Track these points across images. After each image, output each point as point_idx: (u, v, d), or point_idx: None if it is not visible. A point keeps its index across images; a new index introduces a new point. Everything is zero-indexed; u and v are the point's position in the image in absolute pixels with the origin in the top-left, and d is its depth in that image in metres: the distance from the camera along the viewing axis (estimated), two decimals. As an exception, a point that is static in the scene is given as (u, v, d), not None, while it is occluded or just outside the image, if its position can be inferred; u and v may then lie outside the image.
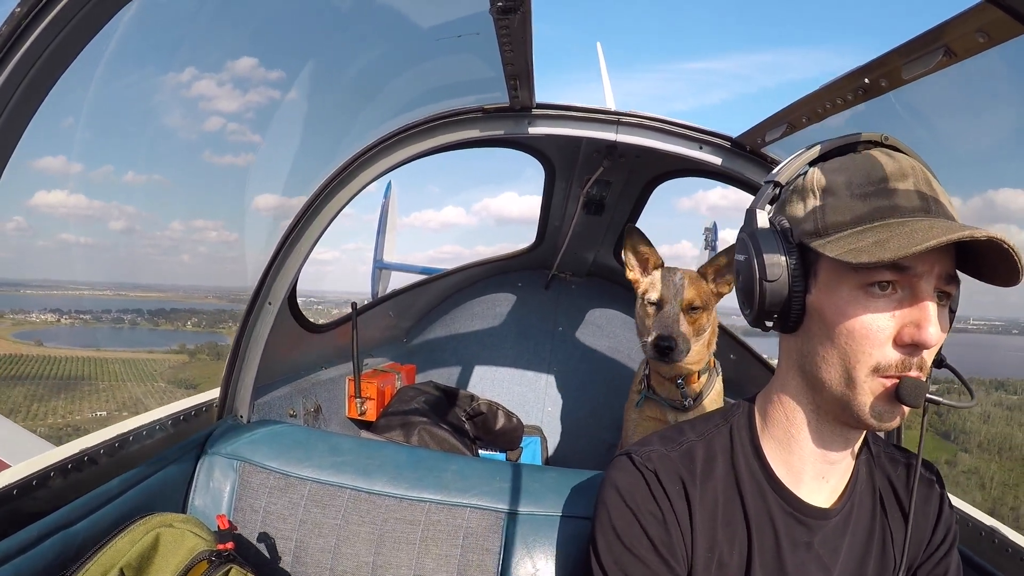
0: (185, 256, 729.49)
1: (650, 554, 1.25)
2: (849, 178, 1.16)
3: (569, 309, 4.51)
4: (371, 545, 1.88)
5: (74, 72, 1.22)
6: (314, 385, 3.00)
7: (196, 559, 1.55)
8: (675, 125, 2.35)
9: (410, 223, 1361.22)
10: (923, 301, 1.08)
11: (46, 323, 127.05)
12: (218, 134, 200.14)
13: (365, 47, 2.43)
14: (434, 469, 2.03)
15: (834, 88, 1.71)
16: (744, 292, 1.26)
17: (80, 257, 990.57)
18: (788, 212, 1.25)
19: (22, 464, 1.58)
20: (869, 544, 1.32)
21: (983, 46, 1.28)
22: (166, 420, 2.06)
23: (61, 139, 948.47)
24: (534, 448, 4.05)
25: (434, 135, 2.33)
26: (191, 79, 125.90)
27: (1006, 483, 46.22)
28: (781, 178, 1.27)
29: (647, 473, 1.30)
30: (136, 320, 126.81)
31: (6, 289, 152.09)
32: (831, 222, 1.15)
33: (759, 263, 1.19)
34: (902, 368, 1.10)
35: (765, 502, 1.29)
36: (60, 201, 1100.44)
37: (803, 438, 1.27)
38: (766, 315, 1.22)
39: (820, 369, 1.18)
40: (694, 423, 1.42)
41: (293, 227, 2.29)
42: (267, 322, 2.34)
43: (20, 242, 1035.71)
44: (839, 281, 1.14)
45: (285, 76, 2.85)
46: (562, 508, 1.88)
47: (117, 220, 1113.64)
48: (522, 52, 1.77)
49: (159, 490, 1.90)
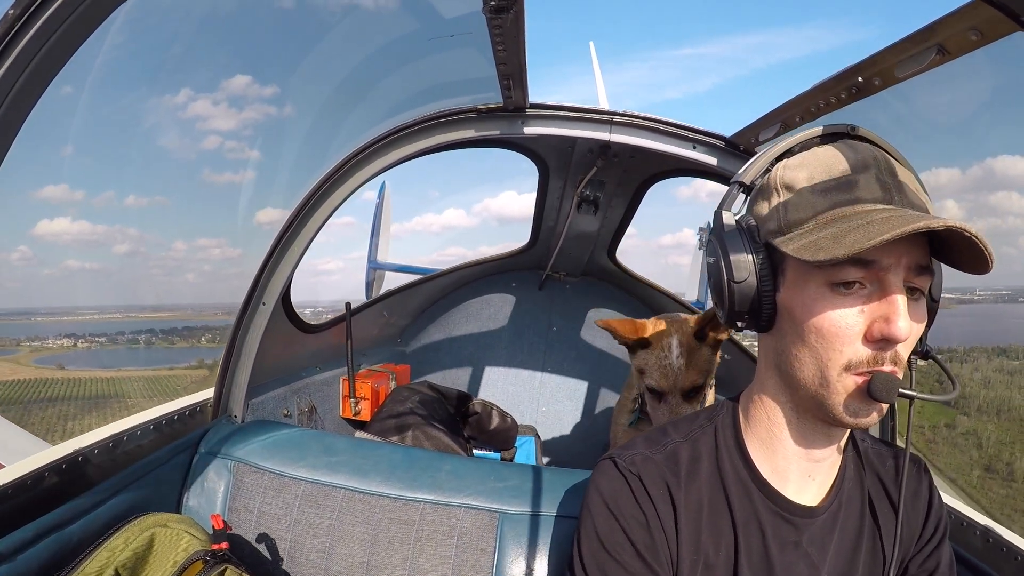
0: (190, 275, 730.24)
1: (633, 560, 1.25)
2: (810, 173, 1.16)
3: (563, 309, 4.52)
4: (365, 545, 1.88)
5: (70, 101, 1.22)
6: (308, 385, 3.00)
7: (191, 559, 1.55)
8: (669, 125, 2.35)
9: (411, 227, 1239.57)
10: (891, 295, 1.06)
11: (63, 348, 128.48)
12: (216, 152, 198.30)
13: (356, 48, 2.43)
14: (428, 469, 2.03)
15: (827, 87, 1.72)
16: (716, 293, 1.25)
17: (86, 282, 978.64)
18: (755, 212, 1.25)
19: (16, 464, 1.58)
20: (859, 540, 1.32)
21: (976, 44, 1.29)
22: (160, 420, 2.05)
23: (61, 168, 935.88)
24: (528, 448, 4.05)
25: (428, 135, 2.33)
26: (187, 100, 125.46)
27: (1002, 441, 48.39)
28: (746, 178, 1.27)
29: (631, 477, 1.29)
30: (151, 340, 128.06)
31: (18, 318, 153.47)
32: (792, 219, 1.15)
33: (726, 264, 1.19)
34: (874, 364, 1.09)
35: (751, 502, 1.28)
36: (64, 228, 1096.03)
37: (785, 437, 1.26)
38: (737, 315, 1.22)
39: (794, 368, 1.17)
40: (678, 424, 1.41)
41: (287, 228, 2.29)
42: (261, 322, 2.33)
43: (26, 271, 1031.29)
44: (805, 279, 1.13)
45: (280, 91, 2.85)
46: (557, 508, 1.88)
47: (121, 244, 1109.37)
48: (515, 52, 1.77)
49: (153, 490, 1.89)
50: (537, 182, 3.44)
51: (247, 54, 2.66)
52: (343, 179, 2.33)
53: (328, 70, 2.52)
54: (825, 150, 1.19)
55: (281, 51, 2.55)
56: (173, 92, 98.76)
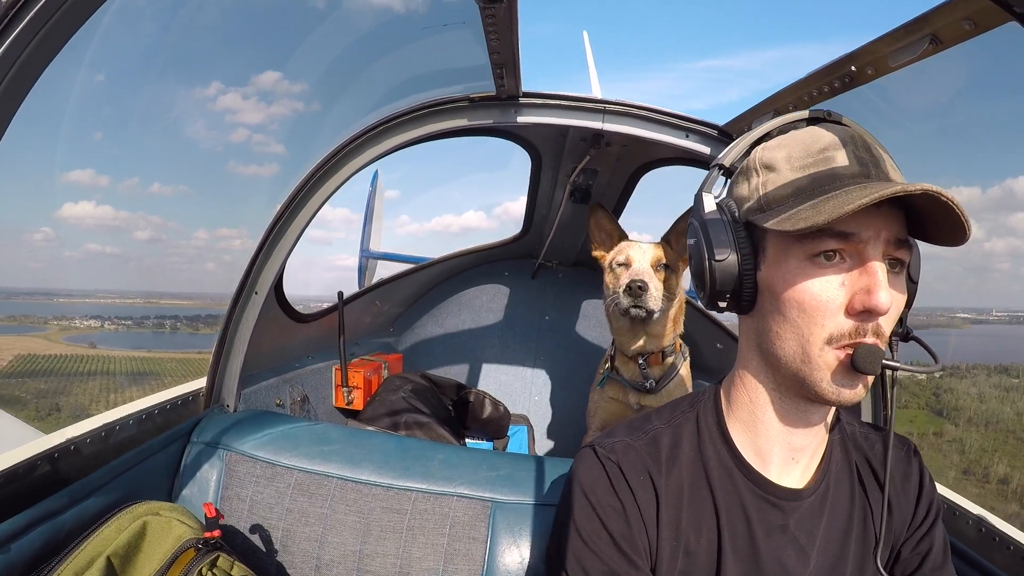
0: (210, 264, 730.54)
1: (608, 548, 1.24)
2: (789, 152, 1.17)
3: (556, 298, 4.52)
4: (357, 534, 1.88)
5: (103, 89, 1.22)
6: (301, 375, 3.00)
7: (183, 547, 1.55)
8: (661, 113, 2.35)
9: (431, 227, 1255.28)
10: (872, 267, 1.07)
11: (91, 328, 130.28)
12: (243, 145, 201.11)
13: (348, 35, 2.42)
14: (421, 458, 2.03)
15: (821, 76, 1.72)
16: (696, 275, 1.26)
17: (107, 267, 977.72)
18: (735, 193, 1.26)
19: (8, 453, 1.57)
20: (849, 524, 1.32)
21: (969, 34, 1.29)
22: (152, 409, 2.05)
23: (90, 153, 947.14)
24: (521, 437, 4.07)
25: (422, 124, 2.33)
26: (217, 93, 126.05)
27: (984, 448, 50.74)
28: (726, 161, 1.28)
29: (610, 465, 1.29)
30: (176, 325, 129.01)
31: (41, 298, 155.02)
32: (772, 197, 1.16)
33: (707, 244, 1.20)
34: (856, 336, 1.09)
35: (735, 486, 1.28)
36: (87, 212, 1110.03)
37: (768, 418, 1.26)
38: (718, 295, 1.22)
39: (775, 345, 1.18)
40: (661, 411, 1.42)
41: (279, 217, 2.28)
42: (254, 311, 2.33)
43: (48, 252, 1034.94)
44: (786, 254, 1.14)
45: (308, 88, 2.84)
46: (549, 497, 1.89)
47: (143, 230, 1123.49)
48: (508, 41, 1.77)
49: (146, 479, 1.90)
50: (530, 171, 3.44)
51: (278, 50, 2.66)
52: (336, 168, 2.32)
53: (350, 67, 2.53)
54: (803, 131, 1.21)
55: (310, 48, 2.54)
56: (204, 85, 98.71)
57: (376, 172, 14.57)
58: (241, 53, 30.67)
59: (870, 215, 1.04)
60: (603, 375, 2.83)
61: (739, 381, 1.31)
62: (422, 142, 2.47)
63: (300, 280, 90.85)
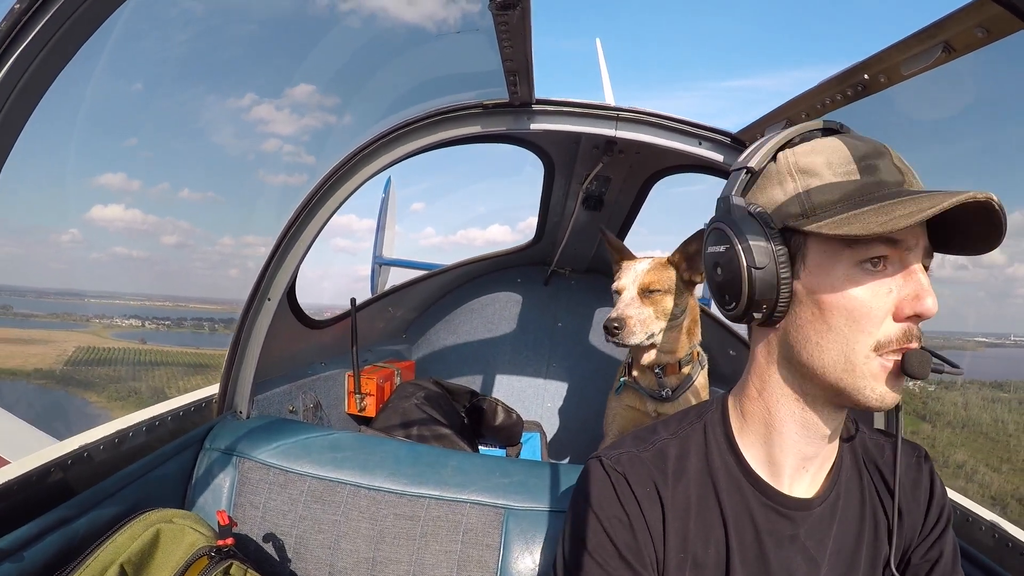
0: (233, 271, 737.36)
1: (614, 561, 1.23)
2: (828, 159, 1.14)
3: (568, 305, 4.51)
4: (371, 541, 1.89)
5: (141, 98, 1.23)
6: (313, 381, 3.00)
7: (196, 555, 1.56)
8: (674, 121, 2.35)
9: (456, 240, 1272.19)
10: (917, 274, 1.08)
11: (132, 327, 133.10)
12: (274, 155, 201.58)
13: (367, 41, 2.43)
14: (434, 465, 2.03)
15: (833, 84, 1.71)
16: (726, 284, 1.21)
17: (132, 270, 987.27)
18: (764, 198, 1.22)
19: (22, 460, 1.58)
20: (861, 532, 1.31)
21: (983, 41, 1.28)
22: (165, 416, 2.06)
23: (123, 158, 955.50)
24: (534, 444, 4.06)
25: (434, 131, 2.33)
26: (251, 104, 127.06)
27: (951, 443, 53.28)
28: (752, 163, 1.24)
29: (616, 476, 1.28)
30: (215, 327, 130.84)
31: (72, 298, 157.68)
32: (819, 202, 1.13)
33: (745, 251, 1.16)
34: (904, 341, 1.09)
35: (743, 497, 1.27)
36: (116, 215, 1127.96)
37: (786, 431, 1.25)
38: (755, 306, 1.18)
39: (813, 356, 1.15)
40: (668, 422, 1.40)
41: (292, 223, 2.29)
42: (266, 318, 2.33)
43: (74, 254, 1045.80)
44: (833, 261, 1.12)
45: (340, 102, 2.87)
46: (562, 504, 1.88)
47: (171, 235, 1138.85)
48: (522, 48, 1.77)
49: (159, 486, 1.90)
50: (543, 177, 3.44)
51: (312, 64, 2.68)
52: (349, 175, 2.32)
53: (363, 73, 2.54)
54: (830, 140, 1.18)
55: (343, 61, 2.56)
56: (239, 95, 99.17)
57: (389, 179, 14.61)
58: (277, 66, 31.33)
59: (915, 224, 1.03)
60: (621, 382, 2.83)
61: (755, 393, 1.29)
62: (435, 149, 2.47)
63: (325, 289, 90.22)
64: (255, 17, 39.02)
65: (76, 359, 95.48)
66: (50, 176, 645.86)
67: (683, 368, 2.66)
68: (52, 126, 4.04)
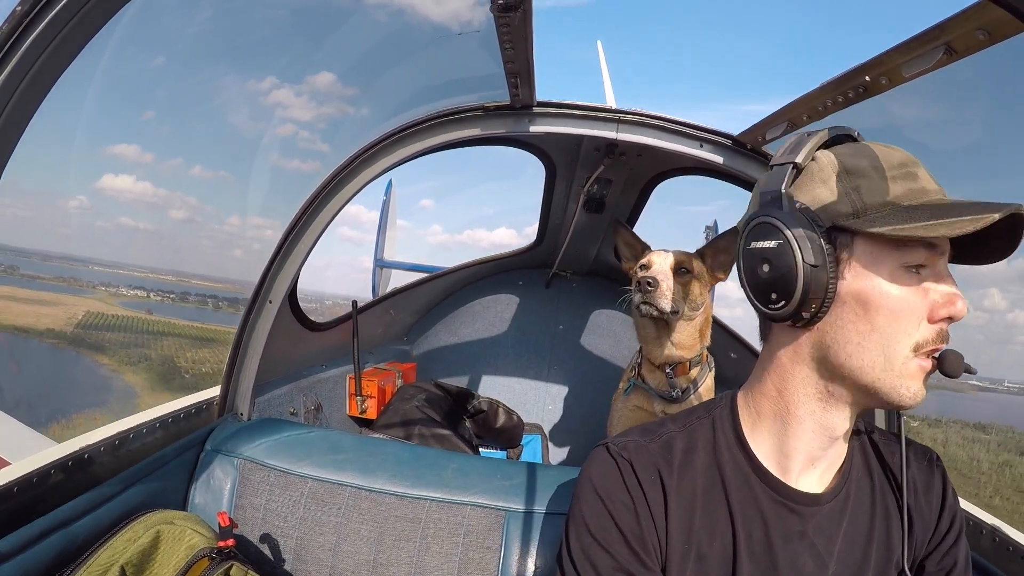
0: (238, 251, 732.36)
1: (619, 545, 1.24)
2: (872, 162, 1.16)
3: (570, 307, 4.51)
4: (372, 543, 1.88)
5: (161, 72, 1.23)
6: (314, 383, 3.00)
7: (197, 556, 1.56)
8: (676, 123, 2.34)
9: (462, 240, 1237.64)
10: (948, 278, 1.12)
11: (137, 297, 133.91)
12: (289, 139, 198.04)
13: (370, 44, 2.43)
14: (435, 467, 2.03)
15: (835, 86, 1.71)
16: (775, 281, 1.17)
17: (138, 241, 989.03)
18: (806, 196, 1.20)
19: (22, 462, 1.58)
20: (871, 530, 1.30)
21: (984, 44, 1.28)
22: (166, 418, 2.06)
23: (139, 129, 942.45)
24: (535, 446, 4.06)
25: (435, 133, 2.32)
26: (271, 87, 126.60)
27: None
28: (798, 158, 1.21)
29: (622, 462, 1.28)
30: (219, 304, 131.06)
31: (76, 264, 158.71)
32: (870, 203, 1.13)
33: (800, 247, 1.13)
34: (938, 342, 1.12)
35: (751, 492, 1.27)
36: (127, 186, 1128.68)
37: (803, 429, 1.25)
38: (806, 304, 1.15)
39: (852, 356, 1.15)
40: (675, 417, 1.41)
41: (294, 225, 2.29)
42: (268, 320, 2.34)
43: (80, 220, 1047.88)
44: (880, 262, 1.13)
45: (359, 92, 2.87)
46: (563, 506, 1.88)
47: (179, 210, 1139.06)
48: (523, 50, 1.77)
49: (159, 488, 1.90)
50: (544, 180, 3.44)
51: (335, 53, 2.69)
52: (350, 177, 2.32)
53: (395, 84, 2.55)
54: (864, 145, 1.21)
55: (365, 52, 2.56)
56: (259, 78, 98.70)
57: (390, 181, 14.59)
58: (301, 53, 31.90)
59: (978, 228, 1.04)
60: (630, 383, 2.82)
61: (774, 392, 1.28)
62: (435, 151, 2.47)
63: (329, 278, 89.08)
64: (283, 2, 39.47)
65: (86, 323, 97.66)
66: (64, 141, 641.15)
67: (692, 370, 2.67)
68: (70, 91, 4.12)
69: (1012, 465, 61.45)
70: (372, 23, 2.39)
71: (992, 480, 56.20)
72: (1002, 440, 65.37)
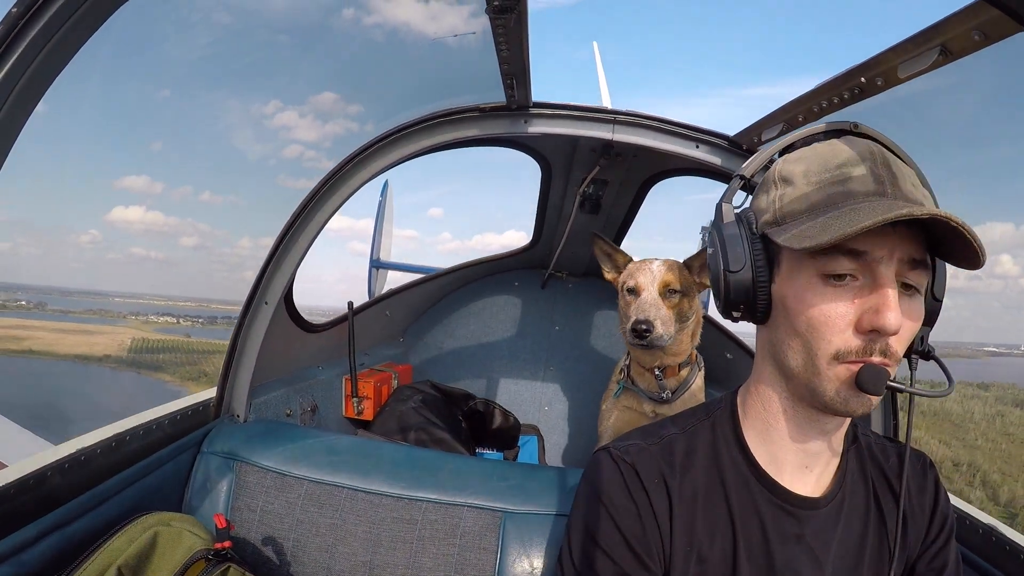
0: (248, 272, 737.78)
1: (621, 549, 1.24)
2: (807, 167, 1.17)
3: (566, 308, 4.51)
4: (368, 544, 1.88)
5: (167, 104, 1.23)
6: (310, 385, 2.99)
7: (194, 558, 1.56)
8: (672, 124, 2.34)
9: (472, 245, 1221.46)
10: (883, 288, 1.07)
11: (168, 324, 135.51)
12: (295, 160, 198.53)
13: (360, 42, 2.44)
14: (431, 468, 2.03)
15: (830, 87, 1.71)
16: (713, 283, 1.27)
17: (149, 271, 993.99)
18: (755, 205, 1.27)
19: (19, 464, 1.57)
20: (865, 534, 1.31)
21: (979, 44, 1.28)
22: (163, 419, 2.05)
23: (147, 161, 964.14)
24: (531, 447, 4.05)
25: (431, 134, 2.32)
26: (275, 111, 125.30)
27: (916, 424, 60.70)
28: (747, 171, 1.30)
29: (624, 467, 1.29)
30: None
31: (97, 297, 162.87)
32: (788, 211, 1.17)
33: (723, 254, 1.21)
34: (863, 354, 1.09)
35: (750, 494, 1.28)
36: (137, 217, 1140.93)
37: (780, 426, 1.27)
38: (732, 305, 1.24)
39: (787, 356, 1.19)
40: (676, 419, 1.42)
41: (289, 227, 2.29)
42: (263, 322, 2.33)
43: (92, 255, 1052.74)
44: (798, 269, 1.15)
45: (363, 110, 2.87)
46: (560, 507, 1.88)
47: (190, 236, 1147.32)
48: (518, 51, 1.77)
49: (156, 489, 1.90)
50: (540, 181, 3.44)
51: (337, 72, 2.70)
52: (346, 178, 2.32)
53: (390, 88, 2.54)
54: (825, 145, 1.21)
55: (367, 70, 2.56)
56: (263, 102, 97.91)
57: (386, 182, 14.55)
58: (302, 73, 31.26)
59: (883, 234, 1.04)
60: (619, 385, 2.82)
61: (754, 390, 1.32)
62: (431, 153, 2.47)
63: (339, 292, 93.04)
64: (282, 27, 39.33)
65: (135, 348, 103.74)
66: (76, 176, 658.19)
67: (682, 370, 2.66)
68: (80, 128, 3.97)
69: (1004, 415, 66.39)
70: (368, 41, 2.40)
71: (981, 427, 61.80)
72: (1000, 395, 70.09)
